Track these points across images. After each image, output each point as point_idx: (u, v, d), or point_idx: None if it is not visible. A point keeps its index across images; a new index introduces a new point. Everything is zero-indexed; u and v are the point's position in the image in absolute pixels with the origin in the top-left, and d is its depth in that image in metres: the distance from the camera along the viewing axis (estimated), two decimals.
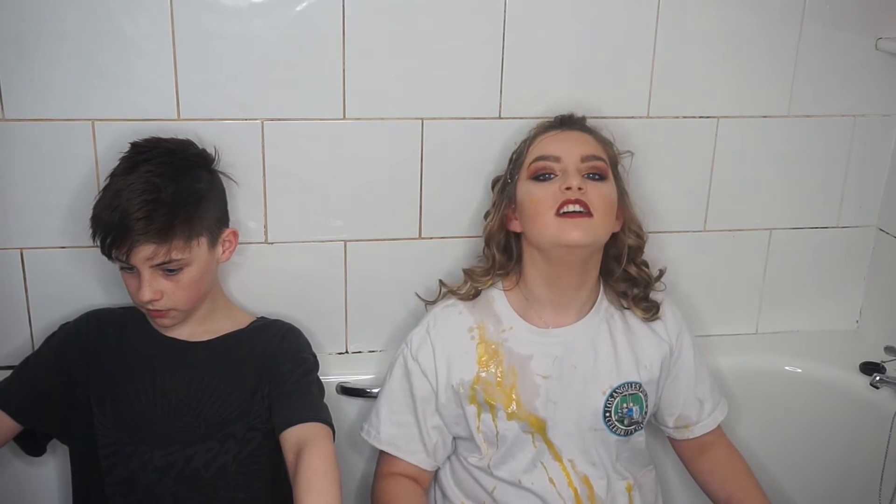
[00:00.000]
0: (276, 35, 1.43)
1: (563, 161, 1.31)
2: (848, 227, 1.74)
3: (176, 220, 1.25)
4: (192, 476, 1.31)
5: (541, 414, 1.35)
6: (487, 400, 1.35)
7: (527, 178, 1.34)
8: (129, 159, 1.29)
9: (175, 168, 1.28)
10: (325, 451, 1.22)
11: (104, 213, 1.24)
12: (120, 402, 1.32)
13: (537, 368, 1.35)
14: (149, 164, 1.27)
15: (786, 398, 1.68)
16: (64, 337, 1.38)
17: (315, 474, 1.18)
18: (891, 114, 1.68)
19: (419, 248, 1.58)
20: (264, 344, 1.38)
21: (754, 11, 1.56)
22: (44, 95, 1.39)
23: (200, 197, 1.30)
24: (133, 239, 1.23)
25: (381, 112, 1.49)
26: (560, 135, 1.36)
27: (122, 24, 1.38)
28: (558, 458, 1.36)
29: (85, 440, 1.34)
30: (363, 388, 1.55)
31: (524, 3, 1.47)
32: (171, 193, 1.25)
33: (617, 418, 1.36)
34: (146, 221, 1.22)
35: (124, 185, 1.24)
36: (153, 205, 1.23)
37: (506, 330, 1.37)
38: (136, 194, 1.23)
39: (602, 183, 1.32)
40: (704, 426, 1.46)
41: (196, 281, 1.30)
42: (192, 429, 1.31)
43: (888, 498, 1.57)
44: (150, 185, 1.24)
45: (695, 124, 1.61)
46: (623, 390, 1.37)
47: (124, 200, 1.23)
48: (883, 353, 1.68)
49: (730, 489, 1.44)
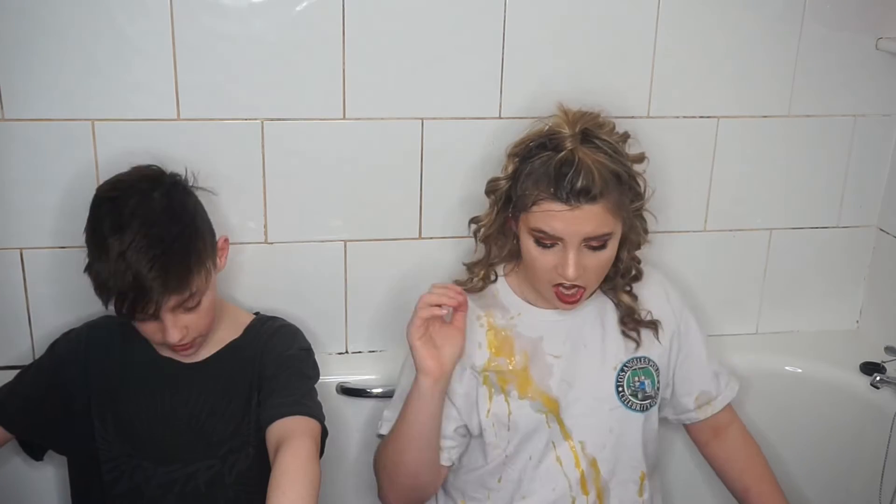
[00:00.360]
0: (276, 35, 1.43)
1: (564, 240, 1.24)
2: (848, 227, 1.74)
3: (190, 262, 1.20)
4: (194, 491, 1.31)
5: (554, 393, 1.34)
6: (499, 382, 1.34)
7: (526, 230, 1.28)
8: (111, 213, 1.20)
9: (164, 209, 1.22)
10: (298, 448, 1.18)
11: (114, 279, 1.17)
12: (122, 418, 1.32)
13: (549, 348, 1.36)
14: (137, 214, 1.19)
15: (786, 398, 1.68)
16: (62, 352, 1.35)
17: (284, 474, 1.14)
18: (891, 114, 1.68)
19: (419, 248, 1.58)
20: (256, 348, 1.36)
21: (754, 11, 1.56)
22: (43, 95, 1.39)
23: (196, 226, 1.26)
24: (156, 298, 1.17)
25: (381, 112, 1.49)
26: (567, 214, 1.22)
27: (122, 24, 1.38)
28: (568, 438, 1.35)
29: (85, 452, 1.33)
30: (363, 388, 1.55)
31: (524, 3, 1.47)
32: (174, 238, 1.19)
33: (630, 392, 1.36)
34: (164, 278, 1.17)
35: (125, 246, 1.16)
36: (164, 258, 1.17)
37: (514, 317, 1.38)
38: (143, 252, 1.16)
39: (602, 251, 1.27)
40: (724, 398, 1.47)
41: (213, 303, 1.28)
42: (193, 447, 1.31)
43: (888, 498, 1.57)
44: (152, 239, 1.17)
45: (695, 124, 1.61)
46: (633, 364, 1.37)
47: (133, 262, 1.16)
48: (883, 353, 1.68)
49: (746, 481, 1.45)
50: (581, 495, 1.35)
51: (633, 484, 1.38)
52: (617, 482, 1.37)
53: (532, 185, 1.25)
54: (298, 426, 1.23)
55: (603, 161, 1.24)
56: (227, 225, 1.50)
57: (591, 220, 1.23)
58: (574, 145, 1.24)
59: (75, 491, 1.38)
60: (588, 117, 1.30)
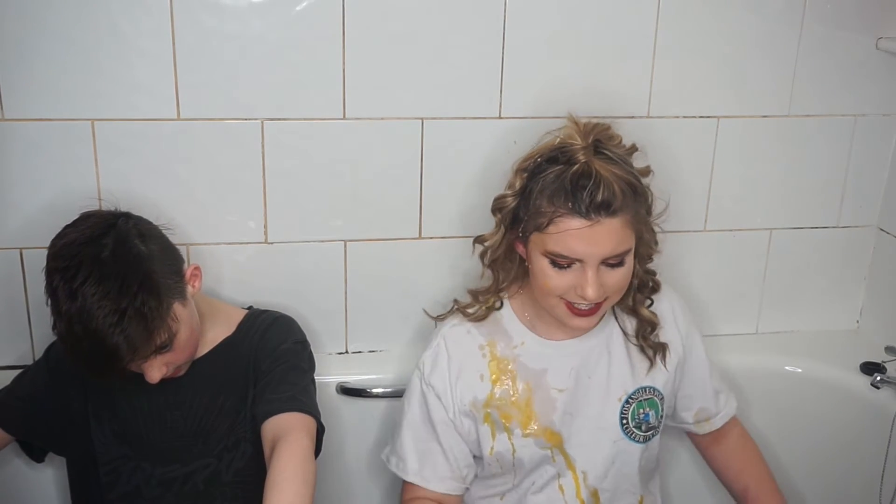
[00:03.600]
0: (276, 35, 1.43)
1: (584, 260, 1.19)
2: (848, 227, 1.74)
3: (150, 320, 1.15)
4: (192, 490, 1.31)
5: (557, 427, 1.32)
6: (502, 418, 1.32)
7: (541, 252, 1.21)
8: (63, 285, 1.14)
9: (115, 270, 1.15)
10: (294, 445, 1.17)
11: (76, 352, 1.15)
12: (119, 419, 1.31)
13: (553, 382, 1.32)
14: (90, 283, 1.13)
15: (786, 398, 1.68)
16: (58, 355, 1.34)
17: (280, 472, 1.13)
18: (891, 114, 1.68)
19: (419, 248, 1.58)
20: (250, 344, 1.35)
21: (754, 12, 1.56)
22: (43, 95, 1.39)
23: (150, 271, 1.17)
24: (124, 364, 1.15)
25: (381, 112, 1.49)
26: (586, 232, 1.16)
27: (122, 24, 1.38)
28: (571, 468, 1.34)
29: (82, 453, 1.33)
30: (363, 388, 1.55)
31: (524, 3, 1.47)
32: (130, 300, 1.13)
33: (634, 425, 1.34)
34: (129, 346, 1.13)
35: (84, 323, 1.12)
36: (122, 326, 1.12)
37: (517, 346, 1.33)
38: (101, 330, 1.12)
39: (620, 268, 1.21)
40: (724, 416, 1.45)
41: (189, 335, 1.24)
42: (191, 447, 1.31)
43: (888, 498, 1.57)
44: (107, 311, 1.12)
45: (695, 124, 1.61)
46: (638, 396, 1.35)
47: (95, 337, 1.12)
48: (883, 353, 1.68)
49: (746, 481, 1.44)
50: None
51: None
52: None
53: (546, 202, 1.18)
54: (294, 423, 1.22)
55: (619, 173, 1.19)
56: (227, 225, 1.50)
57: (611, 238, 1.18)
58: (588, 157, 1.19)
59: (75, 492, 1.38)
60: (599, 128, 1.25)
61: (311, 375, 1.35)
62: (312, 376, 1.36)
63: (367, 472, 1.60)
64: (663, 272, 1.48)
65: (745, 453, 1.48)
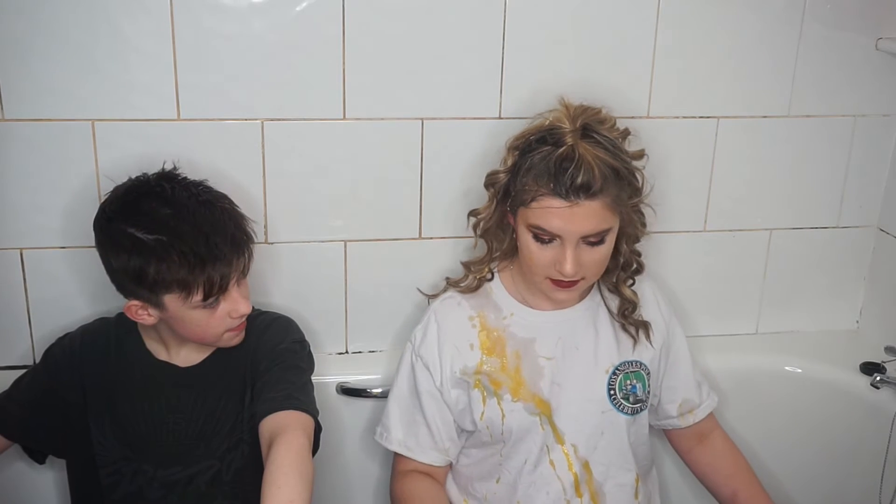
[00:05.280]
0: (276, 35, 1.43)
1: (562, 237, 1.25)
2: (848, 227, 1.74)
3: (240, 217, 1.29)
4: (194, 492, 1.31)
5: (545, 395, 1.35)
6: (492, 384, 1.35)
7: (524, 225, 1.28)
8: (158, 198, 1.23)
9: (193, 191, 1.27)
10: (291, 442, 1.17)
11: (184, 255, 1.19)
12: (119, 423, 1.31)
13: (541, 350, 1.36)
14: (175, 189, 1.24)
15: (786, 398, 1.68)
16: (57, 358, 1.35)
17: (278, 468, 1.14)
18: (891, 114, 1.68)
19: (419, 248, 1.58)
20: (248, 345, 1.35)
21: (754, 11, 1.56)
22: (43, 95, 1.39)
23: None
24: (230, 261, 1.24)
25: (381, 112, 1.49)
26: (566, 211, 1.22)
27: (122, 24, 1.38)
28: (560, 442, 1.36)
29: (83, 456, 1.33)
30: (363, 388, 1.55)
31: (524, 3, 1.47)
32: (219, 199, 1.28)
33: (622, 395, 1.37)
34: (236, 226, 1.26)
35: (190, 219, 1.21)
36: (226, 215, 1.26)
37: (507, 317, 1.38)
38: (209, 217, 1.23)
39: (599, 246, 1.27)
40: (706, 407, 1.48)
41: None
42: (193, 449, 1.31)
43: (888, 498, 1.57)
44: (207, 206, 1.24)
45: (695, 124, 1.61)
46: (625, 368, 1.38)
47: (203, 226, 1.22)
48: (883, 353, 1.68)
49: (734, 485, 1.44)
50: (575, 498, 1.35)
51: (628, 487, 1.38)
52: (612, 486, 1.37)
53: (532, 181, 1.25)
54: (291, 420, 1.22)
55: (602, 156, 1.23)
56: None
57: (590, 218, 1.23)
58: (574, 140, 1.24)
59: (75, 494, 1.38)
60: (589, 112, 1.30)
61: (310, 374, 1.36)
62: (311, 375, 1.36)
63: (367, 471, 1.60)
64: (663, 272, 1.49)
65: (732, 457, 1.48)
